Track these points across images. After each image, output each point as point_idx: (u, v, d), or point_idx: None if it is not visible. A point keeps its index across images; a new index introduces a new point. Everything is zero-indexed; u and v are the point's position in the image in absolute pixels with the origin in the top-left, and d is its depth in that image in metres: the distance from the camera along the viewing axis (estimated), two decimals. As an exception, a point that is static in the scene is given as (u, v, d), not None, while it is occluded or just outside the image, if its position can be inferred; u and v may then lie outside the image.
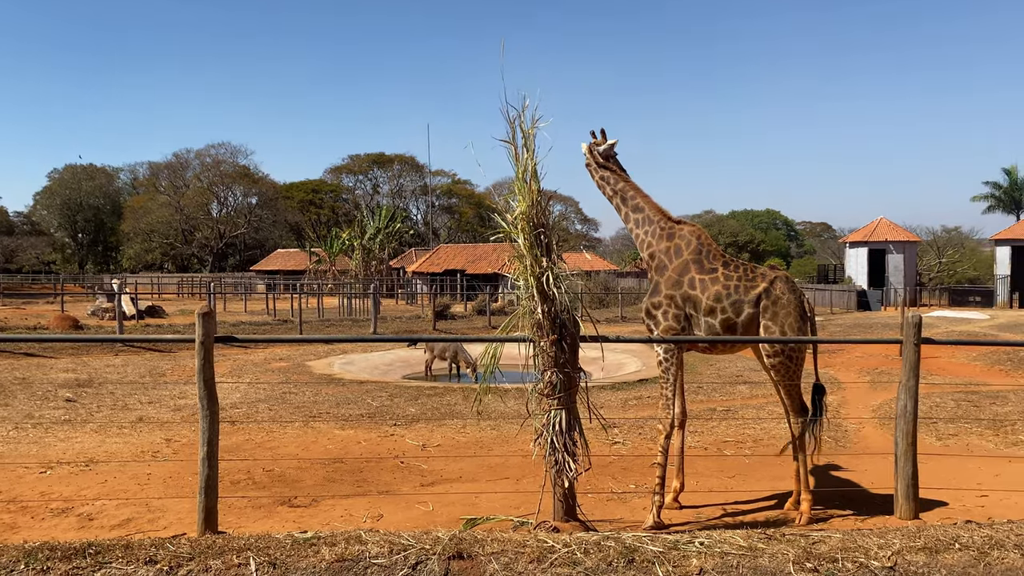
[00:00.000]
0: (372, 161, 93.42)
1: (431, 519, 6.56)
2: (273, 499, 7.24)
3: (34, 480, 7.80)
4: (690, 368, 16.03)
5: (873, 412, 11.55)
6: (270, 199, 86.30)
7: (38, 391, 13.26)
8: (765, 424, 10.59)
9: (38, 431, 10.06)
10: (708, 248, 6.79)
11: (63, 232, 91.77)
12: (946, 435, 9.98)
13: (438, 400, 12.84)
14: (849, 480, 7.93)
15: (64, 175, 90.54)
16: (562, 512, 5.82)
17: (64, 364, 16.96)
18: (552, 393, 5.72)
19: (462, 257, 58.19)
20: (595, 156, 7.08)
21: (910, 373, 5.92)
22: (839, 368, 16.76)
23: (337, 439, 9.89)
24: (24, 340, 8.40)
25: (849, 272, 53.57)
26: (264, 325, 27.10)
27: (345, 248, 54.87)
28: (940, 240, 65.20)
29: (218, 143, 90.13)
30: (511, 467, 8.38)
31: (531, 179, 5.71)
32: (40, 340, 10.90)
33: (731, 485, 7.80)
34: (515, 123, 5.64)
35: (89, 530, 6.27)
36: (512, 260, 5.88)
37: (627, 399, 13.01)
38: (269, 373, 16.17)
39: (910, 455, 5.96)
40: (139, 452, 9.04)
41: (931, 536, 4.84)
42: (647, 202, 6.98)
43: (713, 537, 4.84)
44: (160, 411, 11.63)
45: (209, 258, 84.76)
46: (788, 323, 6.47)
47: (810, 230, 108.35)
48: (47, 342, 17.45)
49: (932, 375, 15.63)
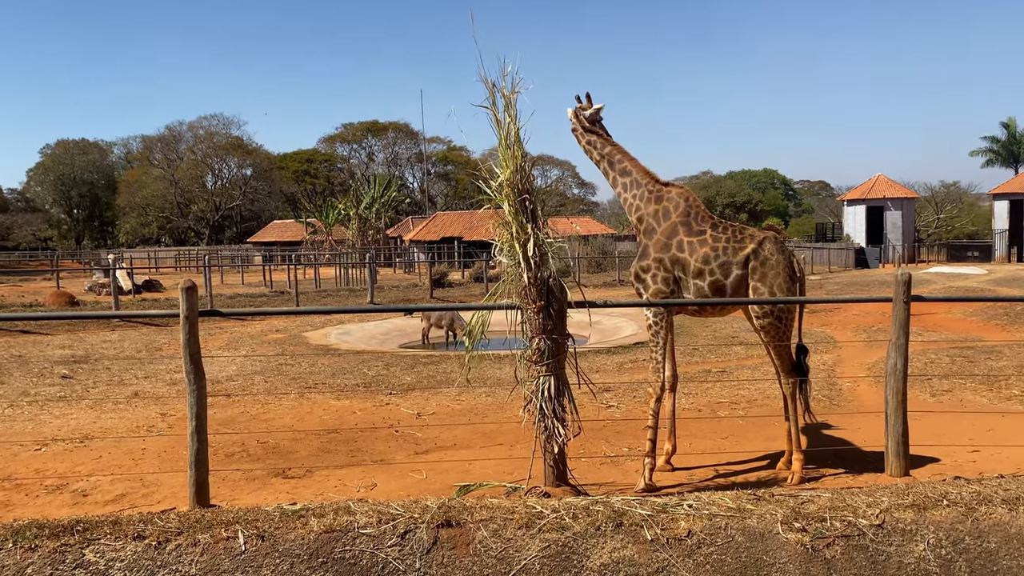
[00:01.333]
0: (366, 129, 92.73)
1: (424, 487, 6.58)
2: (267, 471, 7.26)
3: (29, 457, 7.82)
4: (686, 330, 16.05)
5: (868, 370, 11.56)
6: (264, 170, 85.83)
7: (34, 368, 13.27)
8: (759, 384, 10.61)
9: (33, 408, 10.07)
10: (696, 210, 6.73)
11: (58, 208, 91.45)
12: (940, 391, 10.00)
13: (434, 368, 12.86)
14: (842, 439, 7.95)
15: (57, 150, 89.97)
16: (553, 477, 5.83)
17: (60, 340, 16.96)
18: (540, 360, 5.70)
19: (459, 224, 58.00)
20: (581, 121, 6.98)
21: (900, 331, 5.89)
22: (835, 327, 16.76)
23: (332, 409, 9.91)
24: (13, 319, 8.37)
25: (847, 230, 53.46)
26: (261, 297, 27.09)
27: (341, 218, 54.60)
28: (938, 196, 64.99)
29: (210, 114, 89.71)
30: (505, 433, 8.40)
31: (514, 144, 5.63)
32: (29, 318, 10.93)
33: (724, 446, 7.82)
34: (494, 88, 5.54)
35: (83, 506, 6.29)
36: (497, 227, 5.83)
37: (622, 362, 13.03)
38: (265, 345, 16.18)
39: (900, 413, 5.96)
40: (134, 427, 9.06)
41: (919, 493, 4.84)
42: (635, 165, 6.91)
43: (702, 499, 4.85)
44: (156, 385, 11.65)
45: (206, 231, 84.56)
46: (777, 284, 6.44)
47: (808, 189, 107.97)
48: (37, 319, 17.43)
49: (928, 331, 15.65)
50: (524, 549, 4.35)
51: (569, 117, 7.09)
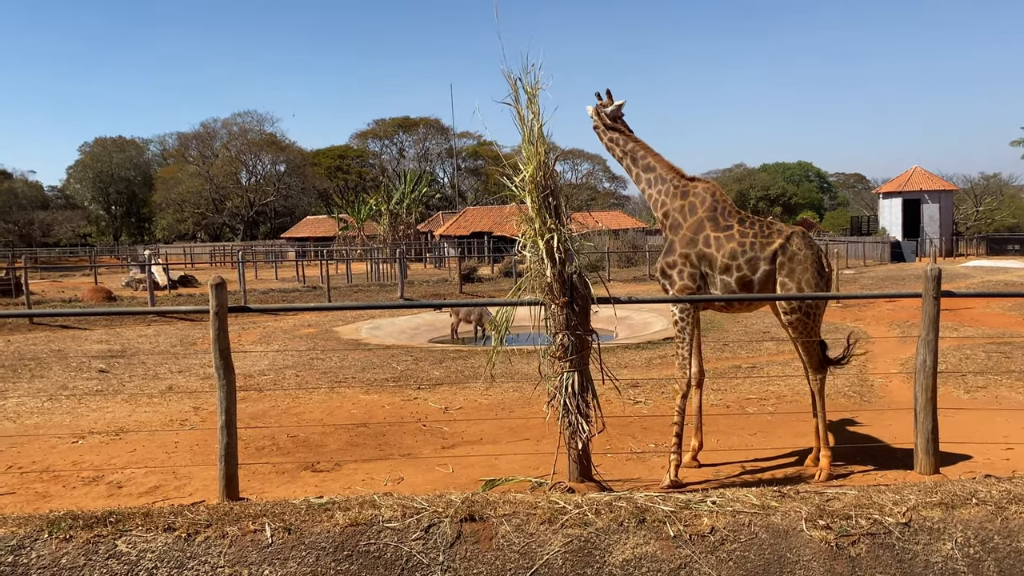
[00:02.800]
0: (397, 125, 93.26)
1: (451, 481, 6.64)
2: (297, 464, 7.36)
3: (66, 449, 8.01)
4: (716, 325, 15.94)
5: (901, 366, 11.40)
6: (298, 166, 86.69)
7: (72, 362, 13.57)
8: (790, 380, 10.51)
9: (71, 402, 10.30)
10: (723, 205, 6.68)
11: (97, 205, 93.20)
12: (975, 387, 9.83)
13: (462, 363, 12.92)
14: (872, 435, 7.86)
15: (95, 148, 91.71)
16: (577, 473, 5.84)
17: (98, 335, 17.31)
18: (564, 355, 5.71)
19: (489, 219, 58.10)
20: (603, 118, 6.96)
21: (929, 327, 5.81)
22: (869, 321, 16.53)
23: (362, 404, 10.00)
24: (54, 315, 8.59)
25: (883, 223, 52.64)
26: (294, 292, 27.38)
27: (372, 213, 54.94)
28: (978, 188, 63.71)
29: (244, 111, 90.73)
30: (532, 428, 8.43)
31: (537, 141, 5.63)
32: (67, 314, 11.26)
33: (752, 443, 7.77)
34: (517, 84, 5.54)
35: (117, 498, 6.43)
36: (521, 223, 5.84)
37: (651, 358, 12.98)
38: (297, 339, 16.36)
39: (930, 410, 5.88)
40: (168, 421, 9.23)
41: (948, 491, 4.78)
42: (658, 160, 6.88)
43: (726, 496, 4.83)
44: (189, 380, 11.84)
45: (240, 226, 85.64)
46: (805, 279, 6.38)
47: (843, 181, 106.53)
48: (75, 315, 17.77)
49: (964, 326, 15.37)
50: (546, 544, 4.37)
51: (590, 115, 7.07)
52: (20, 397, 10.60)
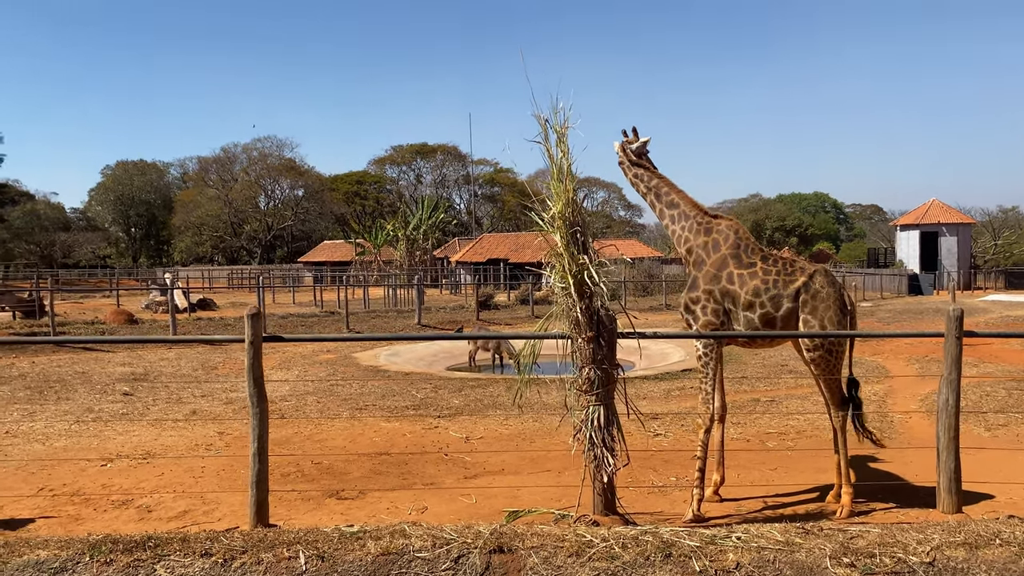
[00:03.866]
0: (415, 151, 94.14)
1: (474, 512, 6.71)
2: (322, 491, 7.46)
3: (96, 473, 8.15)
4: (735, 358, 15.96)
5: (920, 403, 11.39)
6: (316, 191, 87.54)
7: (97, 385, 13.76)
8: (809, 415, 10.54)
9: (98, 424, 10.47)
10: (746, 242, 6.79)
11: (117, 227, 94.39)
12: (996, 426, 9.82)
13: (481, 391, 13.01)
14: (893, 473, 7.88)
15: (117, 171, 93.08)
16: (602, 506, 5.91)
17: (121, 358, 17.53)
18: (590, 389, 5.81)
19: (505, 246, 58.35)
20: (628, 155, 7.12)
21: (952, 367, 5.87)
22: (887, 356, 16.51)
23: (383, 431, 10.11)
24: (84, 342, 8.80)
25: (900, 255, 52.49)
26: (312, 317, 27.59)
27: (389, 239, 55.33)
28: (996, 221, 63.50)
29: (264, 136, 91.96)
30: (553, 459, 8.50)
31: (566, 179, 5.78)
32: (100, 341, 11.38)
33: (773, 478, 7.81)
34: (546, 124, 5.71)
35: (148, 522, 6.55)
36: (549, 257, 5.97)
37: (670, 389, 13.02)
38: (317, 366, 16.51)
39: (952, 449, 5.92)
40: (193, 445, 9.36)
41: (971, 531, 4.82)
42: (682, 197, 7.01)
43: (750, 531, 4.90)
44: (212, 404, 12.00)
45: (258, 250, 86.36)
46: (827, 316, 6.46)
47: (860, 213, 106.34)
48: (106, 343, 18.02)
49: (984, 362, 15.33)
50: (574, 577, 4.44)
51: (616, 151, 7.23)
52: (48, 419, 10.78)
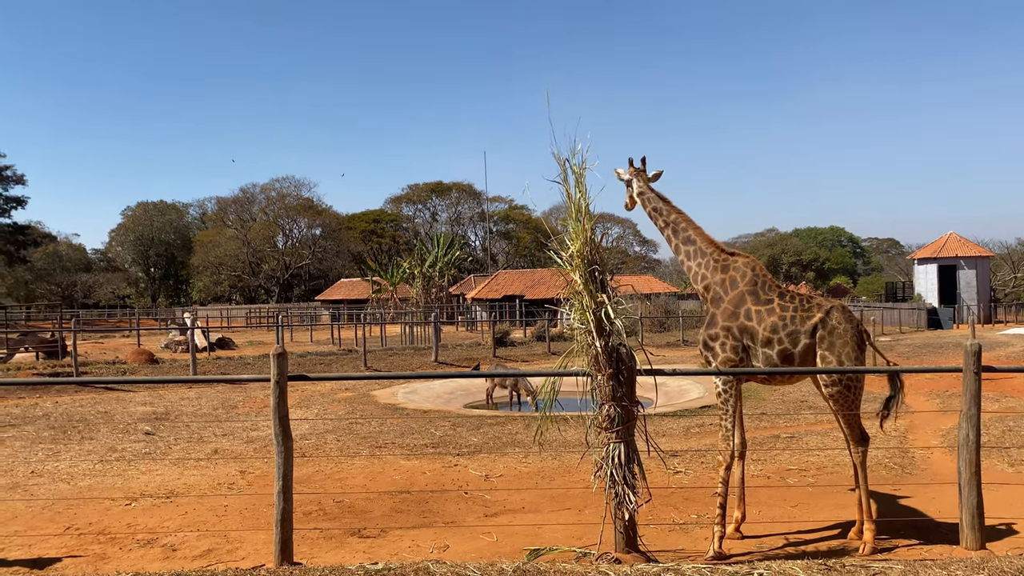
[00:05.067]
0: (431, 190, 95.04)
1: (495, 550, 6.73)
2: (344, 530, 7.51)
3: (120, 512, 8.24)
4: (753, 394, 15.91)
5: (942, 438, 11.32)
6: (333, 230, 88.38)
7: (119, 424, 13.90)
8: (830, 452, 10.49)
9: (121, 464, 10.57)
10: (763, 279, 6.86)
11: (137, 267, 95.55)
12: (1018, 461, 9.74)
13: (500, 429, 13.03)
14: (915, 509, 7.83)
15: (137, 212, 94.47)
16: (623, 544, 5.93)
17: (142, 397, 17.70)
18: (610, 426, 5.86)
19: (520, 282, 58.53)
20: (649, 186, 7.23)
21: (971, 402, 5.89)
22: (907, 391, 16.32)
23: (403, 470, 10.15)
24: (107, 382, 8.94)
25: (919, 289, 52.21)
26: (330, 355, 27.74)
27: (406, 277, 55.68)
28: (1015, 254, 63.12)
29: (282, 177, 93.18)
30: (573, 497, 8.50)
31: (584, 218, 5.91)
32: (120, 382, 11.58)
33: (794, 515, 7.78)
34: (566, 165, 5.86)
35: (173, 560, 6.61)
36: (567, 295, 6.07)
37: (689, 427, 13.00)
38: (336, 404, 16.60)
39: (974, 484, 5.92)
40: (216, 484, 9.44)
41: (995, 567, 4.82)
42: (699, 234, 7.09)
43: (772, 568, 4.91)
44: (234, 443, 12.08)
45: (275, 289, 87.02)
46: (845, 352, 6.50)
47: (877, 247, 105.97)
48: (126, 383, 18.21)
49: (1006, 396, 15.20)
50: (598, 614, 4.47)
51: (636, 182, 7.29)
52: (72, 459, 10.90)
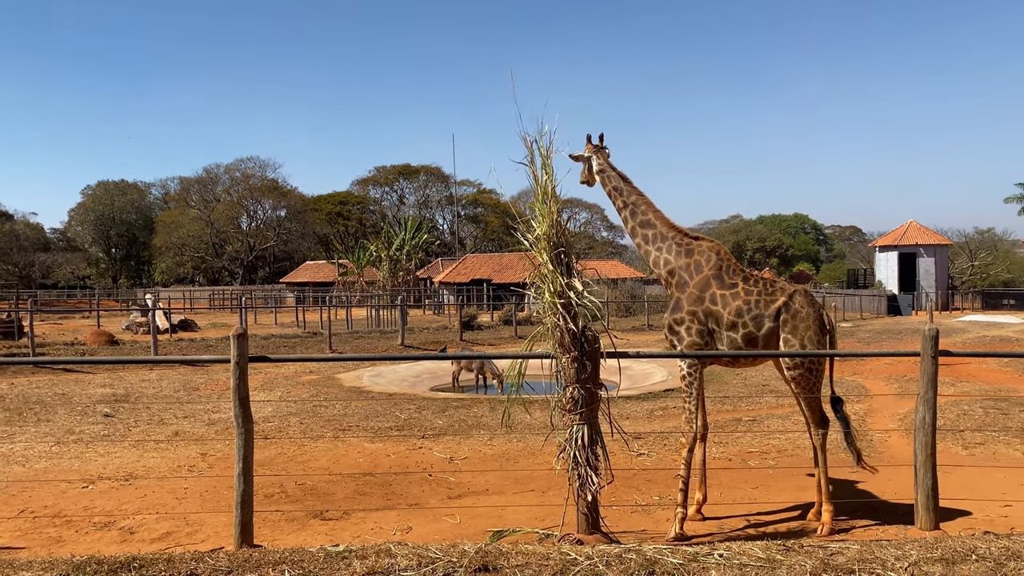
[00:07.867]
0: (398, 172, 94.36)
1: (459, 532, 6.73)
2: (306, 512, 7.45)
3: (77, 495, 8.09)
4: (716, 377, 16.08)
5: (900, 422, 11.54)
6: (298, 212, 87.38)
7: (77, 406, 13.65)
8: (790, 434, 10.64)
9: (79, 446, 10.39)
10: (728, 263, 6.90)
11: (97, 247, 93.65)
12: (972, 444, 9.97)
13: (465, 412, 13.02)
14: (872, 491, 7.98)
15: (97, 191, 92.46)
16: (586, 525, 5.96)
17: (101, 379, 17.39)
18: (574, 408, 5.87)
19: (488, 266, 58.46)
20: (610, 163, 7.16)
21: (928, 385, 5.99)
22: (867, 375, 16.69)
23: (367, 452, 10.10)
24: (65, 362, 8.75)
25: (879, 276, 53.10)
26: (294, 338, 27.49)
27: (372, 260, 55.38)
28: (972, 242, 64.38)
29: (247, 157, 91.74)
30: (537, 479, 8.53)
31: (550, 200, 5.88)
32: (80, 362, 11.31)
33: (755, 496, 7.88)
34: (533, 147, 5.82)
35: (131, 543, 6.51)
36: (533, 278, 6.05)
37: (652, 409, 13.10)
38: (299, 386, 16.46)
39: (929, 466, 6.03)
40: (176, 467, 9.32)
41: (948, 547, 4.92)
42: (659, 218, 7.05)
43: (732, 549, 4.96)
44: (195, 425, 11.93)
45: (239, 271, 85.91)
46: (807, 336, 6.57)
47: (839, 234, 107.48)
48: (85, 363, 17.91)
49: (962, 381, 15.54)
50: (559, 595, 4.48)
51: (596, 159, 7.18)
52: (27, 441, 10.68)
